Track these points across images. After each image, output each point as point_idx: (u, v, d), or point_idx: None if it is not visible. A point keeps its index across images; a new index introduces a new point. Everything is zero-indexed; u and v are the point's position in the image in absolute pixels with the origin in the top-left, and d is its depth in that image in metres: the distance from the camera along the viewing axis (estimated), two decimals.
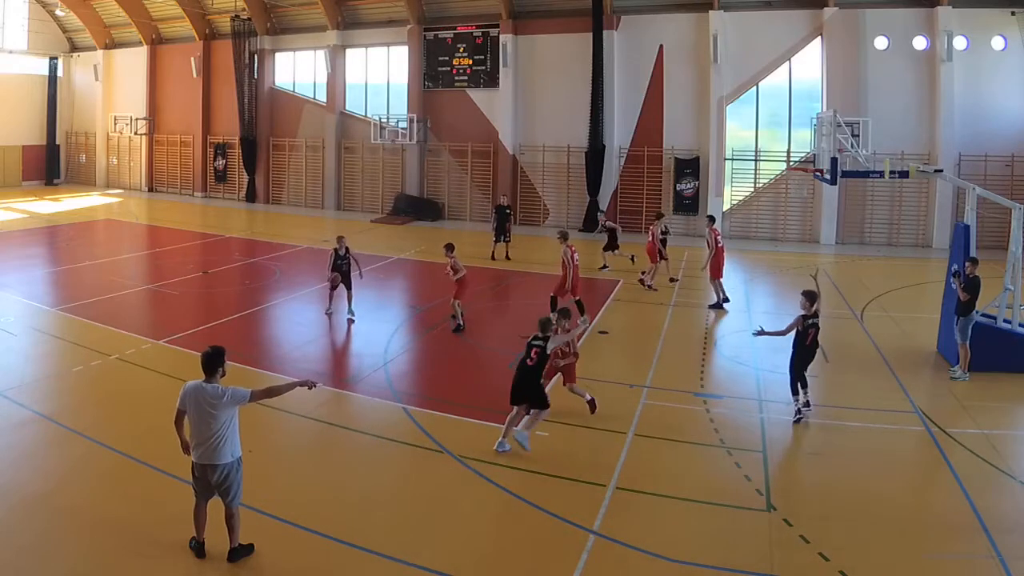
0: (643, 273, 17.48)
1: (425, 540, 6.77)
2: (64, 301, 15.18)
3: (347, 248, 14.43)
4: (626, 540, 6.77)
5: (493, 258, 20.39)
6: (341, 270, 14.20)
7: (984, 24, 22.39)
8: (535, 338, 8.74)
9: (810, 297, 9.54)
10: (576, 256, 13.87)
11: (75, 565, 6.23)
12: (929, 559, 6.52)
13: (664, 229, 18.24)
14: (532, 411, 8.73)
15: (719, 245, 15.68)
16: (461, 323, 13.56)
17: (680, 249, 22.35)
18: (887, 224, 23.80)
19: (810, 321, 9.49)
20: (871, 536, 6.86)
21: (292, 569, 6.22)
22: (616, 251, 19.47)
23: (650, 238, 17.57)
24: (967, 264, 11.24)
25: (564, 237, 14.63)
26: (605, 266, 19.44)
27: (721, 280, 15.67)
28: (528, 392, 8.66)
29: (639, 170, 26.12)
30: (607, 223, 20.21)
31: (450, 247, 13.93)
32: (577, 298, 13.90)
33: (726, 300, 15.56)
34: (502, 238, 20.60)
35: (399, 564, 6.33)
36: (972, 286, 10.93)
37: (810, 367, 9.67)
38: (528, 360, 8.63)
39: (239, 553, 6.23)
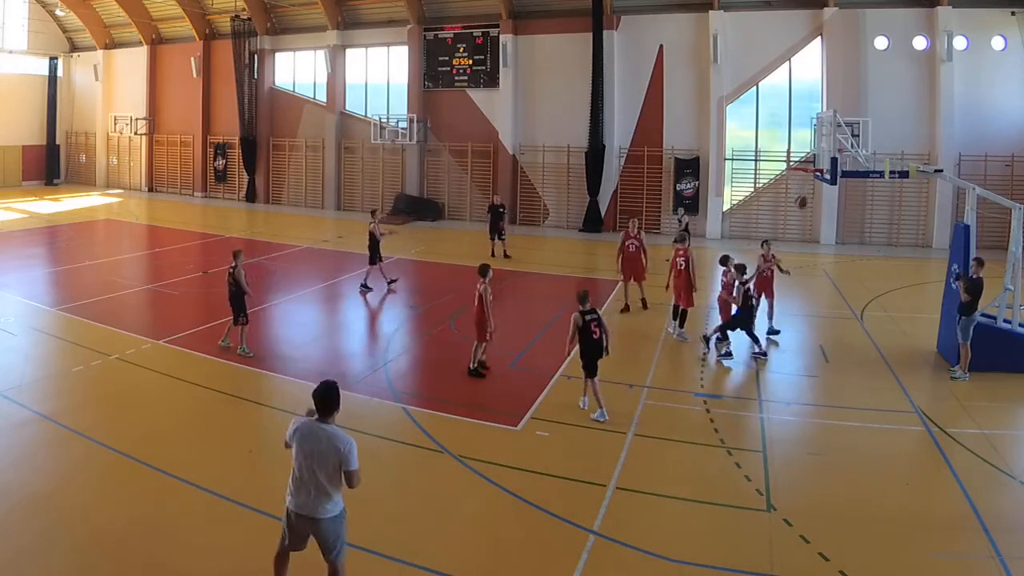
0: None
1: (425, 540, 6.77)
2: (64, 301, 15.18)
3: (235, 265, 11.80)
4: (626, 540, 6.77)
5: (493, 255, 20.48)
6: (229, 291, 11.85)
7: (984, 24, 22.38)
8: (587, 313, 9.53)
9: (740, 270, 11.99)
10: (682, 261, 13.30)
11: (75, 565, 6.22)
12: (928, 558, 6.52)
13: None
14: (587, 381, 9.61)
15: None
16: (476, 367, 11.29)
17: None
18: (887, 224, 23.79)
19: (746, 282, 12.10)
20: (871, 536, 6.86)
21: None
22: None
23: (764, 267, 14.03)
24: (972, 264, 11.23)
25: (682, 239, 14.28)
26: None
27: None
28: (589, 359, 9.54)
29: (639, 170, 26.11)
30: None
31: (484, 268, 11.20)
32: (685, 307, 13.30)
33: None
34: (496, 236, 20.89)
35: (399, 564, 6.34)
36: (975, 287, 10.93)
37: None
38: (593, 335, 9.48)
39: None
